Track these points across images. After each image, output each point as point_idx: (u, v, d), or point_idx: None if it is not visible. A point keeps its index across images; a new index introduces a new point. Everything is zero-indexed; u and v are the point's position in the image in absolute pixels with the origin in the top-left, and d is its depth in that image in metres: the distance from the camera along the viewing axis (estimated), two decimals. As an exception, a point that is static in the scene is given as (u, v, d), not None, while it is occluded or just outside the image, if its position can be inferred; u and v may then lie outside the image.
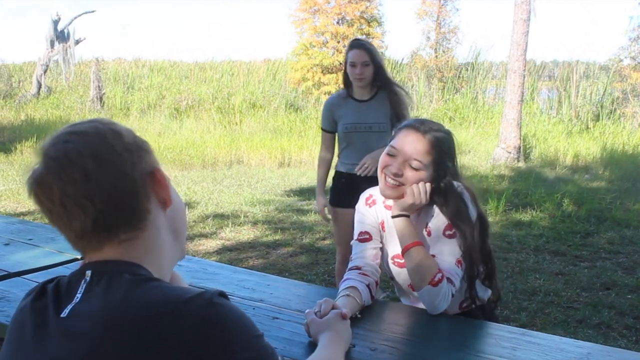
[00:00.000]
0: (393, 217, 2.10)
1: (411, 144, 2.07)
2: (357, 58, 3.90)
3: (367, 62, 3.91)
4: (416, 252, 2.04)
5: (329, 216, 4.24)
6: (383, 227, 2.27)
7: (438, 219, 2.11)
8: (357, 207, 2.34)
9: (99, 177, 1.06)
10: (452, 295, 2.04)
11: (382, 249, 2.28)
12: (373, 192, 2.31)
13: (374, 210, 2.28)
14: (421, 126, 2.09)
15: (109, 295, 1.04)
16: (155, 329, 0.99)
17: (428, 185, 2.07)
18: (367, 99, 4.03)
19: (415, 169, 2.06)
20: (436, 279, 2.00)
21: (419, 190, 2.06)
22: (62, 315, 1.06)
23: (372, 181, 3.18)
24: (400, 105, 3.99)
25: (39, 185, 1.07)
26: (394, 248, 2.24)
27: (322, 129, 4.23)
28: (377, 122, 3.99)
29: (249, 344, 1.05)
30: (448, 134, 2.14)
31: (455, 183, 2.12)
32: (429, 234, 2.13)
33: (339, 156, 4.20)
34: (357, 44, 4.01)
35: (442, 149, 2.08)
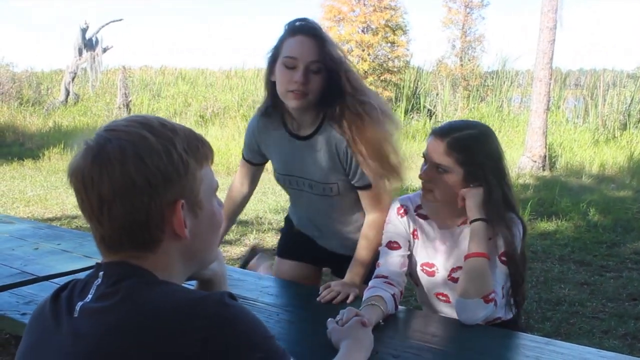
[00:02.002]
0: (472, 221, 2.10)
1: (433, 150, 2.12)
2: (300, 52, 2.15)
3: (316, 63, 2.16)
4: (482, 263, 2.05)
5: None
6: (415, 236, 2.28)
7: (499, 242, 2.12)
8: (387, 217, 2.33)
9: (112, 207, 1.07)
10: None
11: (410, 257, 2.29)
12: (404, 202, 2.33)
13: (406, 219, 2.29)
14: (442, 130, 2.14)
15: (118, 296, 1.06)
16: (165, 329, 1.00)
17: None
18: (307, 135, 2.33)
19: (441, 173, 2.11)
20: (490, 296, 2.02)
21: (471, 192, 2.10)
22: (74, 316, 1.08)
23: (332, 256, 2.64)
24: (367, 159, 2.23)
25: (71, 177, 1.11)
26: (425, 256, 2.27)
27: (243, 157, 2.67)
28: (324, 181, 2.35)
29: (259, 344, 1.06)
30: (477, 131, 2.16)
31: (509, 215, 2.14)
32: None
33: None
34: (303, 28, 2.19)
35: (466, 148, 2.10)
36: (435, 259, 2.23)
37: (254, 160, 2.61)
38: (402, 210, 2.31)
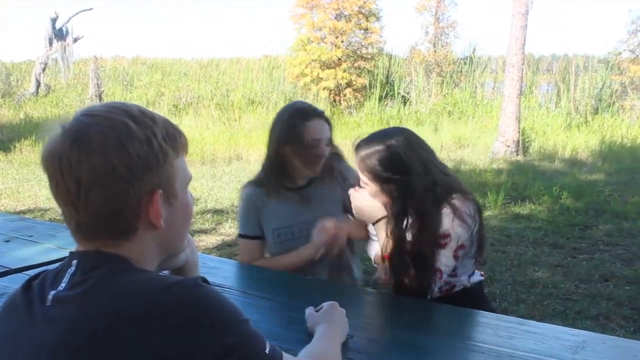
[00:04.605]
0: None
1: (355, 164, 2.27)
2: (324, 132, 2.56)
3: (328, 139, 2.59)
4: None
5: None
6: None
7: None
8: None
9: (89, 193, 1.06)
10: None
11: None
12: None
13: None
14: (356, 147, 2.23)
15: (91, 282, 1.06)
16: (138, 314, 1.00)
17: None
18: (304, 185, 2.66)
19: (361, 187, 2.24)
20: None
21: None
22: (47, 304, 1.07)
23: None
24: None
25: (46, 161, 1.09)
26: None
27: (247, 237, 2.71)
28: (329, 213, 2.56)
29: (233, 328, 1.06)
30: (384, 145, 2.16)
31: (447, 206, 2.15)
32: None
33: None
34: (317, 112, 2.59)
35: (372, 166, 2.16)
36: None
37: (259, 233, 2.68)
38: None
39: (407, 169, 2.13)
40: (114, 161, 1.05)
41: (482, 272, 2.41)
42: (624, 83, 16.60)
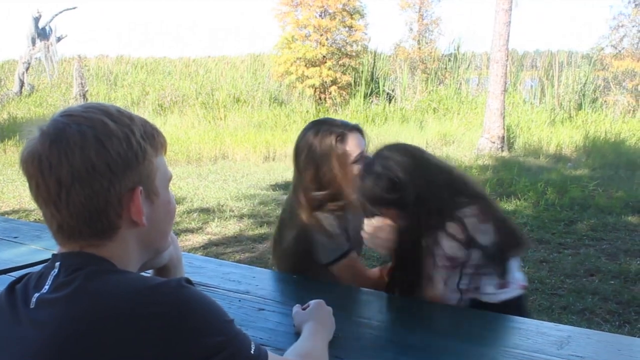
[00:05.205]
0: None
1: None
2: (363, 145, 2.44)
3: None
4: None
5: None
6: None
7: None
8: None
9: (70, 192, 1.06)
10: None
11: None
12: None
13: None
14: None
15: (75, 284, 1.06)
16: (123, 316, 1.00)
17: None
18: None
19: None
20: None
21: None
22: (31, 307, 1.07)
23: None
24: None
25: (25, 163, 1.10)
26: None
27: (349, 252, 2.43)
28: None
29: (218, 328, 1.07)
30: (375, 175, 2.11)
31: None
32: None
33: None
34: (350, 125, 2.45)
35: (371, 195, 2.13)
36: None
37: None
38: None
39: (398, 186, 2.06)
40: (93, 159, 1.06)
41: (524, 284, 2.25)
42: (606, 78, 16.71)
